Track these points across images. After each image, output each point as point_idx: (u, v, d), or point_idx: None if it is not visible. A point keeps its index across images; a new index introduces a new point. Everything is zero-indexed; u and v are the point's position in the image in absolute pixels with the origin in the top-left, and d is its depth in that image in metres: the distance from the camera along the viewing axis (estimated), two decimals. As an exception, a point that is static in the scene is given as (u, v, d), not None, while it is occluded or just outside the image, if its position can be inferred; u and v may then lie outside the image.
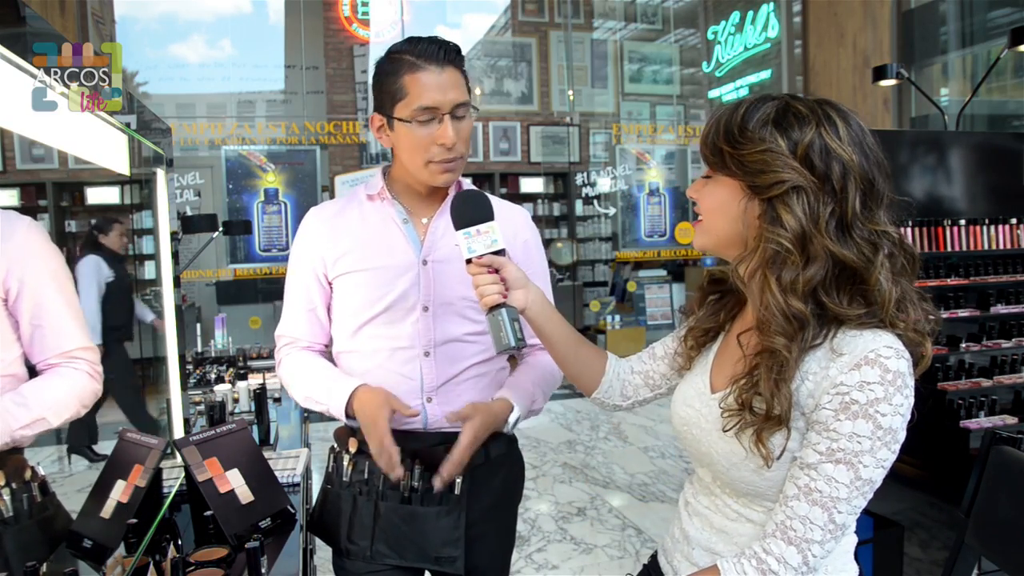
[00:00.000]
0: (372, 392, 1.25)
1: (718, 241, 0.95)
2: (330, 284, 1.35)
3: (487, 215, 1.11)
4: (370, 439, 1.22)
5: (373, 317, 1.30)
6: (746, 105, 0.90)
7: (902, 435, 0.83)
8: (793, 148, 0.85)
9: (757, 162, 0.86)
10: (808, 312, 0.84)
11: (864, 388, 0.81)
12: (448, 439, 1.30)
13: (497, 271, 1.09)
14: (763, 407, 0.85)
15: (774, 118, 0.87)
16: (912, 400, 0.83)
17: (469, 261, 1.10)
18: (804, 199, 0.85)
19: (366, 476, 1.32)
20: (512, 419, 1.29)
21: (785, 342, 0.84)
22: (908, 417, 0.83)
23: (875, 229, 0.86)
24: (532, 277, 1.38)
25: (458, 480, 1.28)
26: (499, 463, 1.39)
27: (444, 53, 1.23)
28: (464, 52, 1.30)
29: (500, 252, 1.10)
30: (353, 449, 1.34)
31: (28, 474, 1.16)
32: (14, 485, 1.11)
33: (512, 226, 1.38)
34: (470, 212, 1.11)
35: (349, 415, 1.28)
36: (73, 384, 1.23)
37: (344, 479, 1.34)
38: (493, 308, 1.07)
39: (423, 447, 1.30)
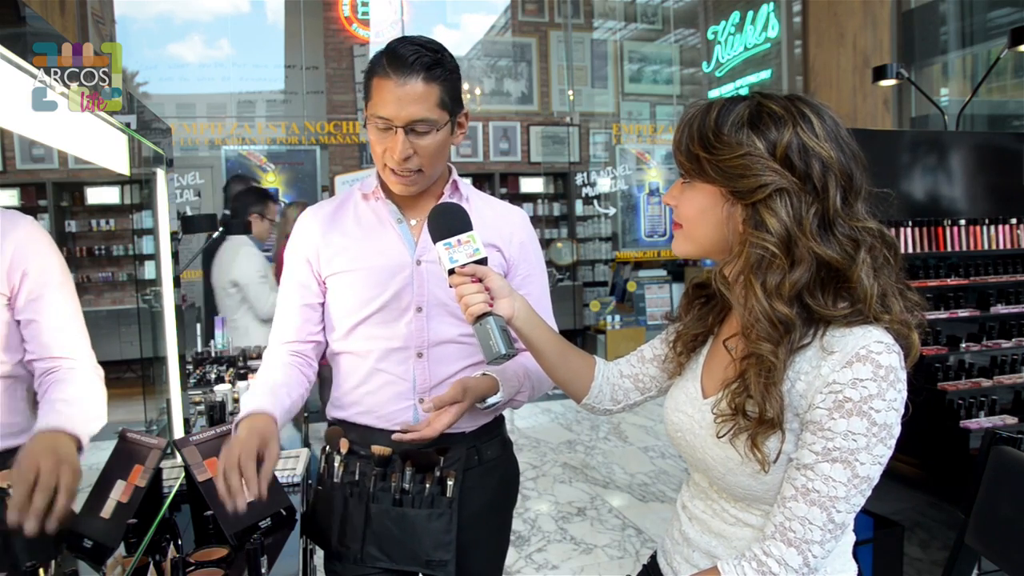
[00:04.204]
0: (258, 427, 1.15)
1: (701, 247, 0.94)
2: (323, 282, 1.34)
3: (466, 225, 1.10)
4: (229, 452, 1.10)
5: (367, 317, 1.30)
6: (717, 108, 0.88)
7: (897, 430, 0.83)
8: (772, 150, 0.84)
9: (737, 167, 0.85)
10: (794, 315, 0.84)
11: (857, 385, 0.81)
12: (440, 440, 1.29)
13: (480, 280, 1.08)
14: (756, 411, 0.85)
15: (749, 120, 0.86)
16: (905, 394, 0.83)
17: (451, 272, 1.08)
18: (787, 201, 0.84)
19: (357, 477, 1.31)
20: (492, 399, 1.26)
21: (771, 347, 0.84)
22: (902, 412, 0.83)
23: (856, 225, 0.85)
24: (529, 277, 1.38)
25: (450, 483, 1.27)
26: (493, 466, 1.38)
27: (414, 61, 1.17)
28: (464, 52, 1.29)
29: (482, 261, 1.09)
30: (344, 450, 1.33)
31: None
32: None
33: (509, 226, 1.37)
34: (448, 223, 1.10)
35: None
36: (94, 387, 1.24)
37: (335, 480, 1.33)
38: (480, 317, 1.06)
39: (414, 449, 1.29)
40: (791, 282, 0.83)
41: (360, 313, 1.30)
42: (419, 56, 1.18)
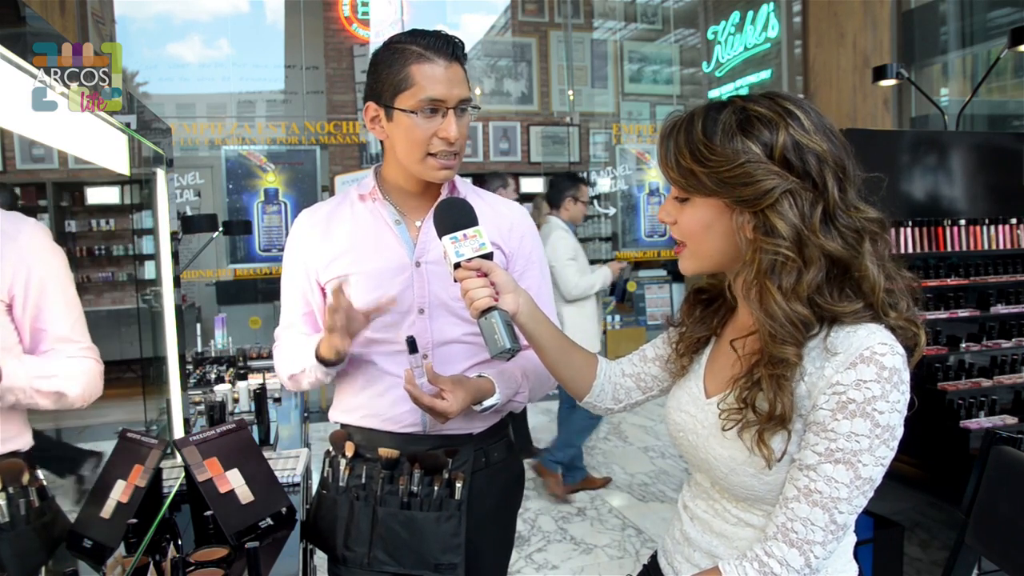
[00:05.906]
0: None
1: (712, 261, 0.93)
2: (323, 288, 1.33)
3: (471, 220, 1.10)
4: (333, 314, 1.18)
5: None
6: (701, 119, 0.87)
7: (900, 432, 0.83)
8: (769, 152, 0.84)
9: (738, 176, 0.84)
10: (812, 315, 0.84)
11: (861, 386, 0.81)
12: (448, 442, 1.29)
13: (486, 275, 1.08)
14: (766, 407, 0.85)
15: (738, 126, 0.85)
16: (908, 396, 0.83)
17: (457, 266, 1.08)
18: (793, 202, 0.83)
19: (363, 481, 1.30)
20: (487, 403, 1.24)
21: (795, 350, 0.84)
22: (905, 413, 0.83)
23: (856, 216, 0.86)
24: (529, 270, 1.38)
25: (458, 485, 1.27)
26: (499, 468, 1.38)
27: (452, 48, 1.23)
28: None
29: (488, 256, 1.09)
30: (350, 453, 1.32)
31: (26, 478, 1.15)
32: (11, 490, 1.10)
33: (508, 221, 1.37)
34: (454, 218, 1.11)
35: (320, 357, 1.25)
36: (83, 366, 1.24)
37: (340, 484, 1.32)
38: (485, 312, 1.06)
39: (422, 450, 1.29)
40: (807, 282, 0.83)
41: None
42: (450, 41, 1.23)
